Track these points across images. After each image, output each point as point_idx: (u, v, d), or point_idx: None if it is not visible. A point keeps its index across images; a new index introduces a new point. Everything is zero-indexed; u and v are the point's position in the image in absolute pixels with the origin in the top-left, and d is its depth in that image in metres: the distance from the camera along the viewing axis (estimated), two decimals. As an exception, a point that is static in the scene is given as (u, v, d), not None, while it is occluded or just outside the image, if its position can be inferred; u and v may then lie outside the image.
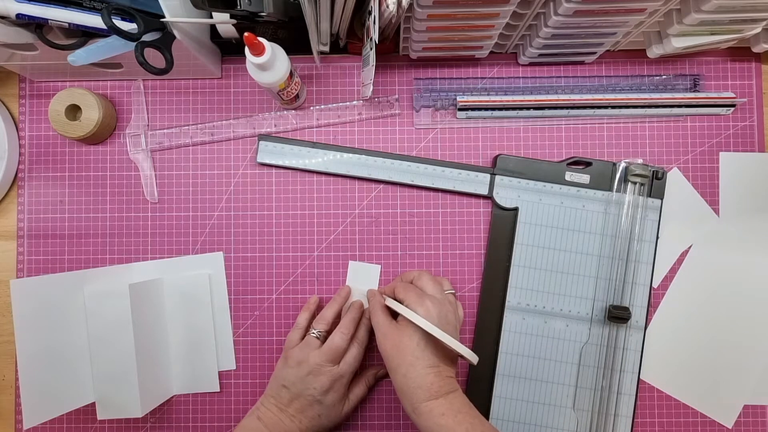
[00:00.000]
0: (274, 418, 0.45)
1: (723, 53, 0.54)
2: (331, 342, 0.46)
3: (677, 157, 0.53)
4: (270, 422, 0.44)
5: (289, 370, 0.45)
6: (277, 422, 0.44)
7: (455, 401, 0.40)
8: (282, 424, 0.44)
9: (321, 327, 0.47)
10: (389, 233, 0.53)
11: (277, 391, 0.46)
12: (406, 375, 0.41)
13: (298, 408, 0.45)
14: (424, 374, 0.40)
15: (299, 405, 0.45)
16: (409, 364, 0.41)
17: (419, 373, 0.40)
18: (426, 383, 0.40)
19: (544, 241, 0.51)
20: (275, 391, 0.46)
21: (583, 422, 0.50)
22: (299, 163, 0.52)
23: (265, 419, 0.45)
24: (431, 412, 0.39)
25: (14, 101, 0.54)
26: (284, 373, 0.46)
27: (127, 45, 0.42)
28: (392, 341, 0.42)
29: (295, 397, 0.45)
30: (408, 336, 0.42)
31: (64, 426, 0.52)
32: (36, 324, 0.46)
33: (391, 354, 0.42)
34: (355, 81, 0.54)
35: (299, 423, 0.45)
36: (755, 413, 0.52)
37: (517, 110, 0.52)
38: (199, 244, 0.53)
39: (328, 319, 0.48)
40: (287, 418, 0.45)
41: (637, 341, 0.50)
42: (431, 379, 0.40)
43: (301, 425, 0.45)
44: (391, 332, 0.43)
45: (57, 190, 0.53)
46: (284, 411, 0.45)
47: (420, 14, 0.42)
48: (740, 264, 0.53)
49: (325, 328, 0.47)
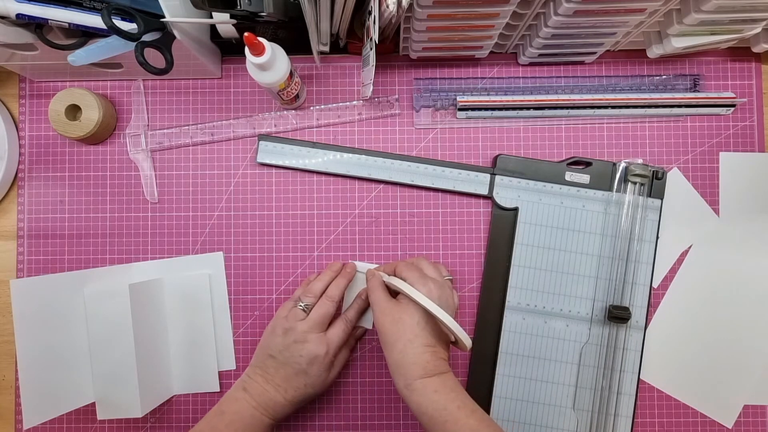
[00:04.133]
0: (260, 389, 0.45)
1: (723, 53, 0.54)
2: (318, 309, 0.46)
3: (677, 157, 0.53)
4: (256, 393, 0.44)
5: (275, 338, 0.45)
6: (262, 392, 0.44)
7: (448, 381, 0.40)
8: (268, 394, 0.44)
9: (308, 300, 0.47)
10: (389, 233, 0.53)
11: (263, 361, 0.46)
12: (403, 351, 0.41)
13: (283, 377, 0.45)
14: (420, 352, 0.41)
15: (285, 374, 0.45)
16: (408, 340, 0.41)
17: (416, 350, 0.41)
18: (422, 360, 0.40)
19: (544, 241, 0.51)
20: (261, 361, 0.46)
21: (583, 422, 0.50)
22: (299, 163, 0.52)
23: (251, 390, 0.45)
24: (425, 388, 0.39)
25: (14, 101, 0.54)
26: (270, 342, 0.46)
27: (127, 45, 0.42)
28: (392, 317, 0.42)
29: (281, 366, 0.45)
30: (408, 314, 0.42)
31: (64, 426, 0.52)
32: (36, 324, 0.46)
33: (390, 330, 0.42)
34: (355, 81, 0.54)
35: (284, 392, 0.45)
36: (755, 413, 0.52)
37: (517, 110, 0.52)
38: (199, 244, 0.53)
39: (316, 293, 0.47)
40: (273, 389, 0.45)
41: (637, 341, 0.50)
42: (427, 358, 0.41)
43: (287, 395, 0.45)
44: (390, 308, 0.43)
45: (57, 190, 0.53)
46: (270, 382, 0.45)
47: (420, 14, 0.42)
48: (740, 264, 0.53)
49: (313, 301, 0.47)
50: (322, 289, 0.48)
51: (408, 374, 0.40)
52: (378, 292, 0.45)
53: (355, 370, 0.53)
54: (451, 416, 0.38)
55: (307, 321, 0.45)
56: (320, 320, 0.45)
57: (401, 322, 0.42)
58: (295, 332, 0.45)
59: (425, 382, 0.40)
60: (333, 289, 0.48)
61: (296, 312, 0.46)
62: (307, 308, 0.46)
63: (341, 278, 0.49)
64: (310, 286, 0.48)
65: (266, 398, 0.44)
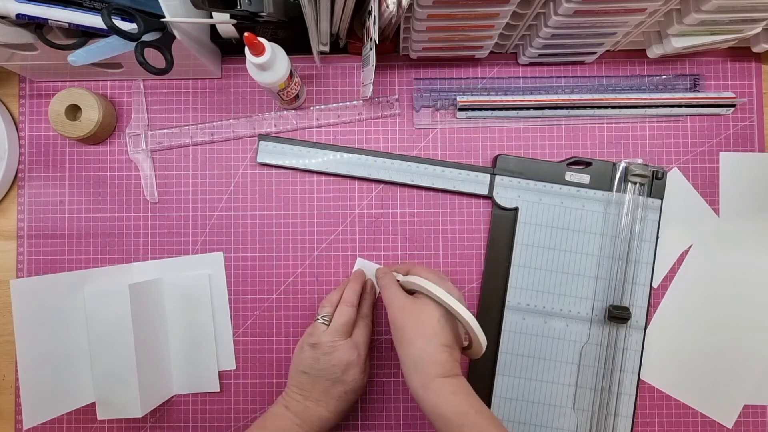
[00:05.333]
0: (301, 406, 0.44)
1: (723, 53, 0.54)
2: (338, 317, 0.46)
3: (677, 157, 0.53)
4: (297, 410, 0.44)
5: (304, 355, 0.45)
6: (304, 409, 0.44)
7: (463, 384, 0.40)
8: (309, 410, 0.44)
9: (326, 311, 0.47)
10: (389, 233, 0.53)
11: (298, 379, 0.45)
12: (422, 348, 0.40)
13: (321, 391, 0.44)
14: (440, 351, 0.40)
15: (322, 387, 0.44)
16: (427, 338, 0.40)
17: (435, 349, 0.40)
18: (441, 360, 0.40)
19: (544, 241, 0.51)
20: (296, 379, 0.45)
21: (583, 422, 0.50)
22: (299, 163, 0.52)
23: (292, 408, 0.44)
24: (442, 388, 0.39)
25: (14, 101, 0.54)
26: (300, 359, 0.45)
27: (127, 45, 0.42)
28: (411, 314, 0.42)
29: (316, 381, 0.44)
30: (429, 311, 0.41)
31: (64, 426, 0.52)
32: (36, 324, 0.46)
33: (409, 326, 0.41)
34: (355, 81, 0.54)
35: (327, 405, 0.44)
36: (755, 413, 0.52)
37: (517, 110, 0.52)
38: (199, 244, 0.53)
39: (334, 302, 0.47)
40: (313, 404, 0.44)
41: (637, 341, 0.50)
42: (445, 357, 0.40)
43: (329, 407, 0.44)
44: (410, 305, 0.42)
45: (57, 190, 0.53)
46: (309, 398, 0.44)
47: (420, 14, 0.42)
48: (740, 264, 0.53)
49: (331, 311, 0.47)
50: (338, 298, 0.48)
51: (426, 373, 0.39)
52: (393, 289, 0.44)
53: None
54: (469, 420, 0.37)
55: (330, 331, 0.45)
56: (342, 328, 0.45)
57: (421, 320, 0.41)
58: (321, 345, 0.44)
59: (443, 383, 0.39)
60: (349, 293, 0.47)
61: (317, 326, 0.46)
62: (326, 320, 0.46)
63: (354, 282, 0.49)
64: (325, 299, 0.48)
65: (309, 414, 0.44)
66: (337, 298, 0.48)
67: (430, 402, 0.39)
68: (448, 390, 0.39)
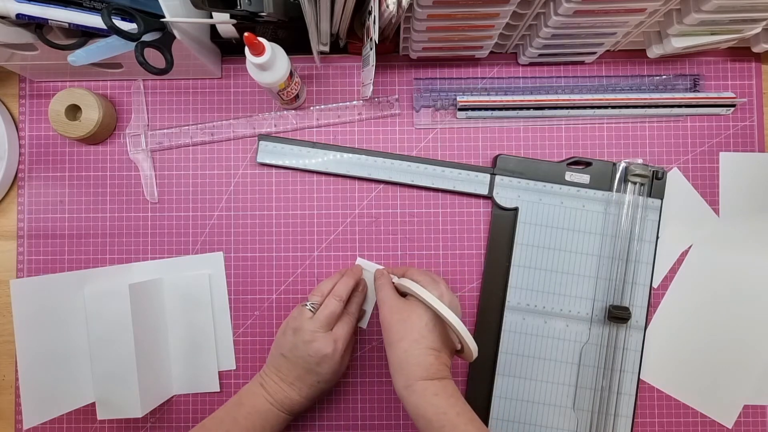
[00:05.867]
0: (276, 387, 0.45)
1: (723, 53, 0.54)
2: (325, 308, 0.46)
3: (677, 157, 0.53)
4: (272, 390, 0.45)
5: (286, 338, 0.46)
6: (278, 390, 0.45)
7: (448, 387, 0.40)
8: (283, 392, 0.45)
9: (315, 299, 0.47)
10: (389, 233, 0.53)
11: (277, 361, 0.46)
12: (407, 350, 0.41)
13: (296, 376, 0.45)
14: (425, 354, 0.41)
15: (297, 373, 0.45)
16: (414, 340, 0.41)
17: (421, 351, 0.41)
18: (426, 363, 0.40)
19: (544, 241, 0.51)
20: (275, 360, 0.46)
21: (583, 422, 0.50)
22: (299, 163, 0.52)
23: (268, 387, 0.45)
24: (425, 390, 0.39)
25: (14, 101, 0.54)
26: (282, 341, 0.46)
27: (127, 45, 0.42)
28: (399, 315, 0.42)
29: (292, 366, 0.45)
30: (417, 314, 0.42)
31: (64, 426, 0.52)
32: (36, 324, 0.46)
33: (396, 328, 0.42)
34: (355, 81, 0.54)
35: (299, 390, 0.45)
36: (755, 413, 0.52)
37: (517, 110, 0.52)
38: (199, 244, 0.53)
39: (324, 292, 0.47)
40: (288, 387, 0.45)
41: (637, 341, 0.50)
42: (431, 360, 0.40)
43: (301, 392, 0.45)
44: (399, 307, 0.43)
45: (57, 190, 0.53)
46: (284, 380, 0.45)
47: (420, 14, 0.42)
48: (740, 264, 0.53)
49: (320, 300, 0.47)
50: (330, 288, 0.48)
51: (409, 374, 0.40)
52: (386, 290, 0.45)
53: (355, 370, 0.53)
54: (449, 422, 0.38)
55: (314, 320, 0.45)
56: (326, 320, 0.45)
57: (408, 321, 0.42)
58: (303, 331, 0.45)
59: (426, 385, 0.39)
60: (340, 287, 0.47)
61: (304, 311, 0.46)
62: (314, 308, 0.46)
63: (348, 277, 0.49)
64: (318, 287, 0.48)
65: (282, 396, 0.45)
66: (328, 288, 0.48)
67: (412, 402, 0.39)
68: (430, 392, 0.39)
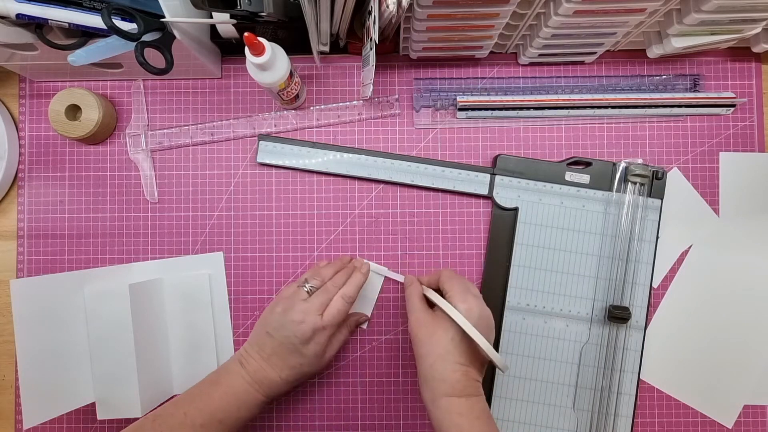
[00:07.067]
0: (256, 365, 0.44)
1: (723, 53, 0.54)
2: (321, 294, 0.45)
3: (677, 157, 0.53)
4: (251, 369, 0.44)
5: (274, 316, 0.45)
6: (258, 369, 0.44)
7: (476, 406, 0.39)
8: (263, 371, 0.44)
9: (315, 282, 0.46)
10: (389, 233, 0.53)
11: (261, 339, 0.45)
12: (432, 365, 0.40)
13: (279, 356, 0.44)
14: (451, 370, 0.40)
15: (281, 353, 0.44)
16: (438, 355, 0.40)
17: (447, 367, 0.40)
18: (452, 379, 0.40)
19: (544, 241, 0.51)
20: (259, 338, 0.45)
21: (583, 422, 0.50)
22: (299, 163, 0.52)
23: (247, 366, 0.44)
24: (450, 408, 0.39)
25: (14, 101, 0.54)
26: (269, 319, 0.45)
27: (127, 45, 0.42)
28: (427, 330, 0.42)
29: (277, 345, 0.44)
30: (443, 329, 0.41)
31: (64, 426, 0.52)
32: (36, 324, 0.46)
33: (423, 341, 0.41)
34: (355, 81, 0.54)
35: (280, 371, 0.44)
36: (755, 413, 0.52)
37: (517, 110, 0.52)
38: (199, 244, 0.53)
39: (324, 277, 0.47)
40: (269, 367, 0.44)
41: (637, 341, 0.50)
42: (458, 377, 0.40)
43: (282, 374, 0.44)
44: (426, 320, 0.42)
45: (57, 190, 0.53)
46: (266, 360, 0.44)
47: (420, 14, 0.42)
48: (740, 264, 0.53)
49: (319, 284, 0.46)
50: (331, 275, 0.47)
51: (435, 390, 0.40)
52: (414, 300, 0.44)
53: (355, 370, 0.53)
54: None
55: (309, 302, 0.44)
56: (320, 306, 0.44)
57: (435, 336, 0.41)
58: (293, 311, 0.44)
59: (451, 402, 0.39)
60: (350, 288, 0.46)
61: (300, 292, 0.45)
62: (312, 290, 0.45)
63: (358, 275, 0.47)
64: (319, 270, 0.47)
65: (261, 376, 0.44)
66: (328, 274, 0.47)
67: (436, 418, 0.39)
68: (455, 410, 0.39)
